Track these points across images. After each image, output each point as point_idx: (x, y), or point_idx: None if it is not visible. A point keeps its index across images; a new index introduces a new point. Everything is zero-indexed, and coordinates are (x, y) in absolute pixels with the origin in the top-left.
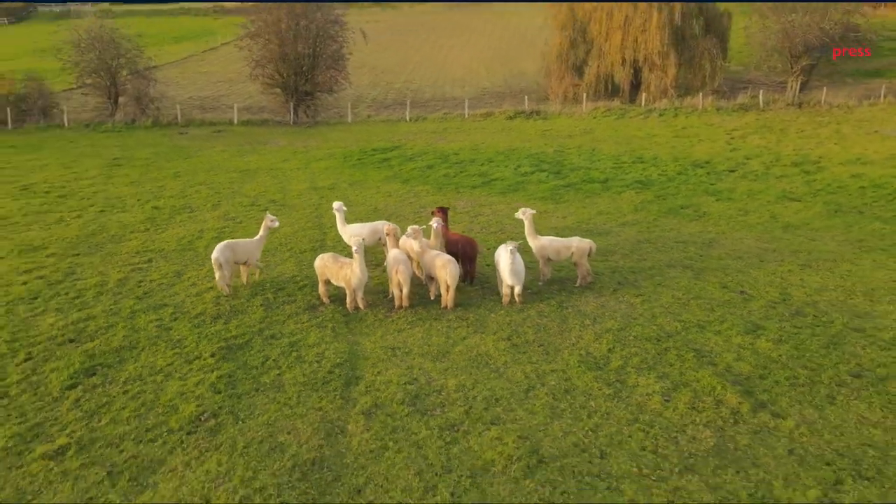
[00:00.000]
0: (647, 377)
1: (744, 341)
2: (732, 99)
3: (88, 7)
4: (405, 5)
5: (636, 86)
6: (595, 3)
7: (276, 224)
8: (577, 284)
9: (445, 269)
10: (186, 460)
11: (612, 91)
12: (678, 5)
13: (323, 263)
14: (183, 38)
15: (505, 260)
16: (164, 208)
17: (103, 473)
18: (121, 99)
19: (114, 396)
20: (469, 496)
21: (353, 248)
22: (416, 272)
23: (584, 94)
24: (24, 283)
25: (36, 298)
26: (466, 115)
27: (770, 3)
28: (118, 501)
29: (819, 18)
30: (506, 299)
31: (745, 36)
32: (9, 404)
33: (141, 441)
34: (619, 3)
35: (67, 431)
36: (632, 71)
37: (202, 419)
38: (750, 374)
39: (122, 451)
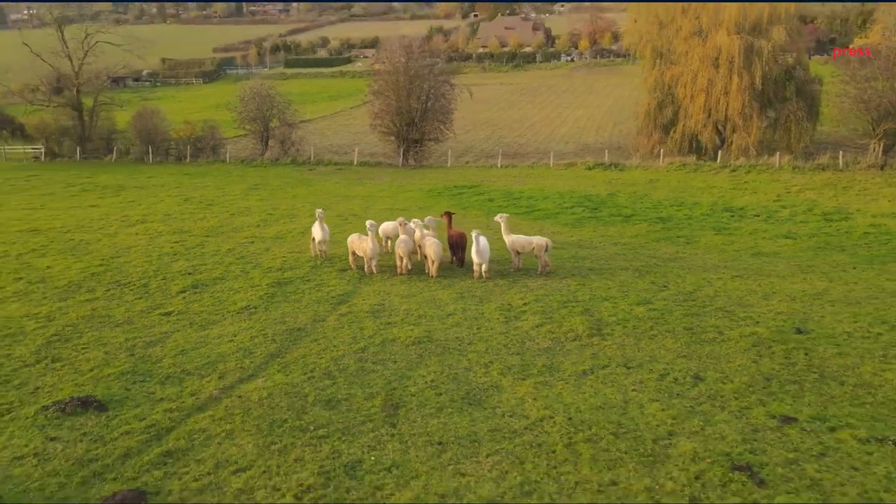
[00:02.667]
0: (534, 317)
1: (627, 307)
2: (814, 159)
3: (266, 71)
4: (541, 66)
5: (721, 145)
6: (681, 68)
7: (321, 213)
8: (538, 272)
9: (431, 248)
10: (232, 321)
11: (696, 149)
12: (759, 71)
13: (351, 240)
14: (338, 95)
15: (473, 240)
16: (274, 215)
17: (185, 322)
18: (270, 142)
19: (204, 297)
20: (377, 350)
21: (368, 228)
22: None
23: (662, 150)
24: (172, 247)
25: (175, 255)
26: (551, 165)
27: (849, 70)
28: (195, 335)
29: None
30: (475, 274)
31: (825, 101)
32: (146, 294)
33: (212, 314)
34: (703, 68)
35: (173, 306)
36: (715, 131)
37: (246, 309)
38: (610, 321)
39: (203, 318)
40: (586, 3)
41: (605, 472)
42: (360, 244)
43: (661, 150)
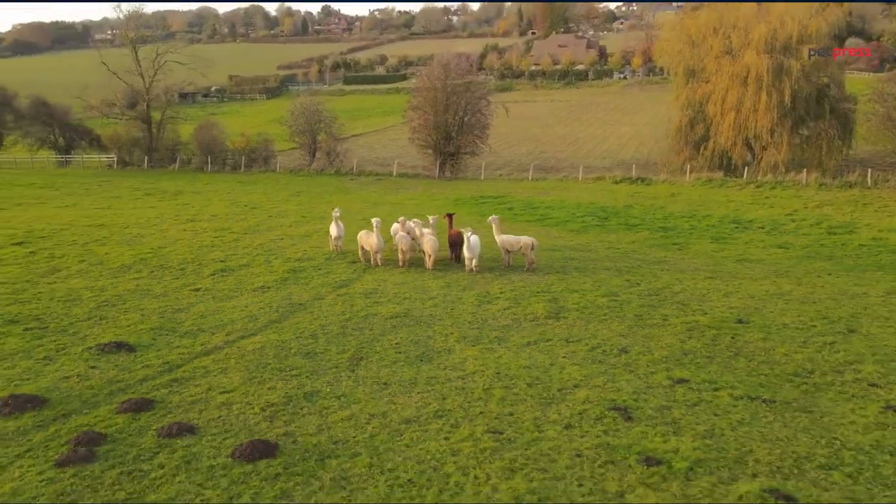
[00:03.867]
0: (504, 302)
1: (592, 298)
2: (843, 177)
3: (325, 87)
4: (593, 84)
5: (751, 162)
6: (711, 86)
7: (338, 213)
8: (525, 269)
9: (427, 244)
10: (247, 297)
11: (727, 166)
12: (788, 89)
13: (360, 236)
14: (392, 111)
15: (465, 238)
16: (307, 218)
17: (209, 296)
18: (317, 153)
19: (228, 279)
20: (359, 321)
21: (374, 225)
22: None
23: (689, 166)
24: (211, 241)
25: (213, 247)
26: (580, 178)
27: (878, 89)
28: (214, 305)
29: None
30: (467, 268)
31: (860, 120)
32: (181, 276)
33: (232, 291)
34: (732, 86)
35: (202, 284)
36: (745, 148)
37: (261, 288)
38: (570, 308)
39: (224, 293)
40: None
41: (507, 407)
42: (368, 239)
43: (689, 166)
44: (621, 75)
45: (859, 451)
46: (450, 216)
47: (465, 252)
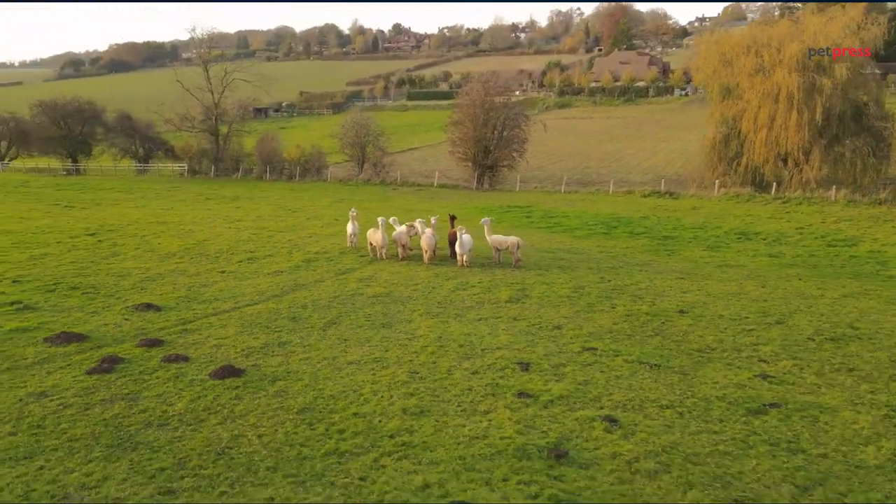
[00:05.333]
0: (477, 289)
1: (558, 289)
2: (874, 195)
3: (389, 102)
4: (653, 100)
5: (784, 178)
6: (744, 104)
7: (354, 212)
8: (512, 266)
9: (425, 240)
10: (262, 279)
11: (760, 182)
12: (819, 107)
13: (369, 233)
14: None
15: (458, 237)
16: (341, 220)
17: (232, 277)
18: (365, 165)
19: (252, 265)
20: (346, 298)
21: (379, 224)
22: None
23: (718, 181)
24: (248, 237)
25: (248, 241)
26: (610, 192)
27: None
28: (234, 283)
29: None
30: (459, 262)
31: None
32: (215, 261)
33: (252, 274)
34: (764, 104)
35: (229, 268)
36: (777, 164)
37: (276, 272)
38: (533, 296)
39: (244, 276)
40: None
41: (432, 358)
42: (374, 235)
43: (717, 182)
44: (682, 92)
45: (703, 399)
46: (452, 217)
47: (458, 248)
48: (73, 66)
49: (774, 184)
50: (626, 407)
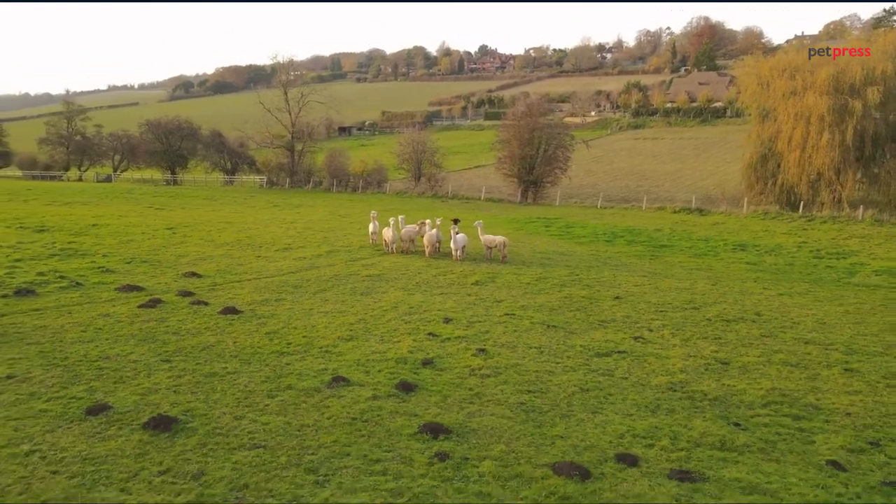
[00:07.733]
0: (455, 276)
1: (524, 279)
2: None
3: (466, 122)
4: (729, 121)
5: (820, 198)
6: (779, 125)
7: (375, 214)
8: (500, 261)
9: (425, 238)
10: (286, 262)
11: (793, 201)
12: (850, 129)
13: (384, 231)
14: None
15: (452, 235)
16: (381, 225)
17: (264, 260)
18: (421, 179)
19: (285, 254)
20: (345, 277)
21: (389, 223)
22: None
23: (745, 199)
24: (293, 234)
25: (290, 237)
26: (643, 208)
27: None
28: (264, 264)
29: None
30: (453, 257)
31: None
32: (257, 250)
33: (281, 259)
34: (797, 125)
35: (265, 255)
36: (809, 184)
37: (301, 258)
38: (497, 282)
39: (275, 259)
40: None
41: (383, 314)
42: (387, 233)
43: (745, 199)
44: None
45: (569, 346)
46: (455, 221)
47: (452, 244)
48: (183, 87)
49: (801, 203)
50: (502, 345)
